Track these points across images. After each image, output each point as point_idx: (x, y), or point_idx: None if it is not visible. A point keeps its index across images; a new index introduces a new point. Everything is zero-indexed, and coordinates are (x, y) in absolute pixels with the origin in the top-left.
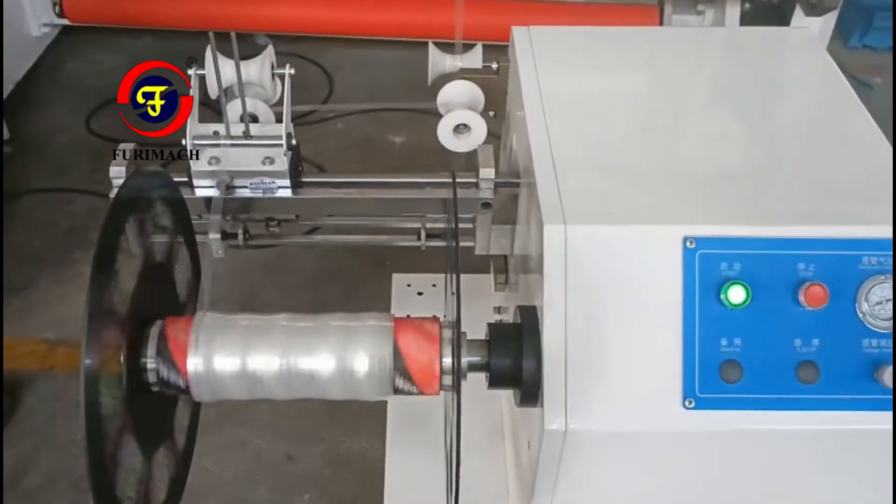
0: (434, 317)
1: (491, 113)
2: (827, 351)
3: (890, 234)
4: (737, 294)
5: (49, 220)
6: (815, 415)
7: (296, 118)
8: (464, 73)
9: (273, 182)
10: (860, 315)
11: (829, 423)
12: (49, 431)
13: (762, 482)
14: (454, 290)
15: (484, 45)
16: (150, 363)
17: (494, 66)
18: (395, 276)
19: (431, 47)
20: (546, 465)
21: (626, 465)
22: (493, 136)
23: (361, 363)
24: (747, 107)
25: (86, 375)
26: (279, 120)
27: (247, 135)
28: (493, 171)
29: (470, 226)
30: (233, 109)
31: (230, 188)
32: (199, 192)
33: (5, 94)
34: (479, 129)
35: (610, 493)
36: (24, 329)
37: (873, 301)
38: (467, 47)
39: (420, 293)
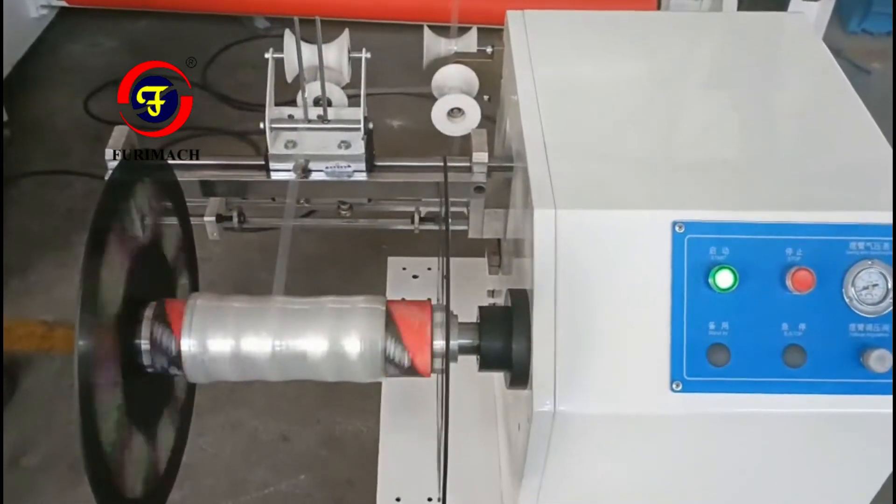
0: (427, 300)
1: (485, 97)
2: (813, 335)
3: (877, 220)
4: (725, 278)
5: (47, 203)
6: (801, 398)
7: (288, 102)
8: (458, 57)
9: (349, 166)
10: (847, 300)
11: (815, 407)
12: (48, 412)
13: (749, 464)
14: (445, 273)
15: (479, 29)
16: (145, 344)
17: (489, 49)
18: (391, 260)
19: (427, 31)
20: (535, 446)
21: (615, 446)
22: (489, 120)
23: (353, 345)
24: (739, 93)
25: (80, 357)
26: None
27: (324, 119)
28: (486, 155)
29: (464, 209)
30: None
31: (307, 171)
32: (275, 176)
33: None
34: (473, 113)
35: (598, 475)
36: (23, 311)
37: (860, 286)
38: (462, 31)
39: (415, 276)
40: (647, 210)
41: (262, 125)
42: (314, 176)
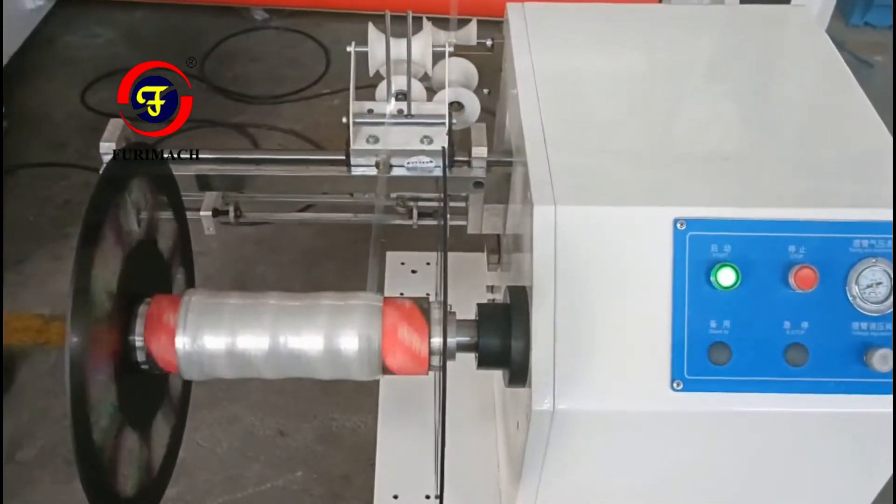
0: (426, 296)
1: (485, 90)
2: (816, 334)
3: (881, 217)
4: (727, 276)
5: (44, 195)
6: (803, 397)
7: (286, 95)
8: (458, 50)
9: (430, 161)
10: (850, 298)
11: (817, 406)
12: (43, 406)
13: (750, 464)
14: (443, 269)
15: (479, 22)
16: (139, 341)
17: (489, 42)
18: (389, 255)
19: (426, 23)
20: (534, 444)
21: (614, 446)
22: (489, 114)
23: (350, 342)
24: (742, 87)
25: (72, 354)
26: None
27: (408, 114)
28: (485, 149)
29: (464, 204)
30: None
31: (389, 167)
32: (356, 171)
33: None
34: (473, 106)
35: (597, 474)
36: (19, 303)
37: (864, 284)
38: (462, 23)
39: (414, 271)
40: (649, 207)
41: (344, 120)
42: (395, 172)
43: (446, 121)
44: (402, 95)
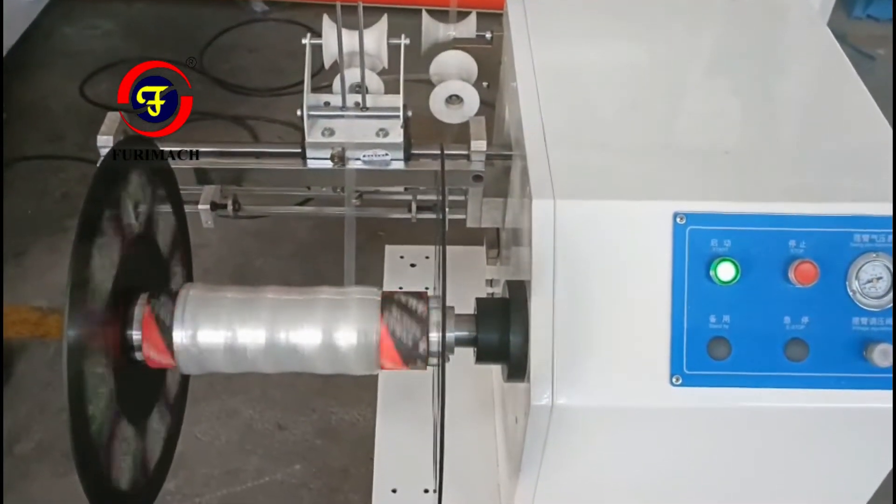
0: (425, 290)
1: (484, 83)
2: (816, 329)
3: (882, 212)
4: (726, 271)
5: (42, 188)
6: (803, 393)
7: (286, 87)
8: (457, 43)
9: (387, 154)
10: (850, 293)
11: (817, 402)
12: (42, 399)
13: (749, 460)
14: (441, 263)
15: (478, 14)
16: (136, 335)
17: (488, 35)
18: (388, 248)
19: (425, 16)
20: (533, 439)
21: (613, 441)
22: (488, 106)
23: (348, 337)
24: (743, 81)
25: (69, 347)
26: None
27: (363, 106)
28: (484, 143)
29: (463, 198)
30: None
31: (343, 160)
32: (312, 164)
33: None
34: (472, 100)
35: (597, 469)
36: (17, 296)
37: (864, 279)
38: (462, 16)
39: (413, 265)
40: (648, 201)
41: (298, 113)
42: (350, 164)
43: (401, 114)
44: (359, 88)
